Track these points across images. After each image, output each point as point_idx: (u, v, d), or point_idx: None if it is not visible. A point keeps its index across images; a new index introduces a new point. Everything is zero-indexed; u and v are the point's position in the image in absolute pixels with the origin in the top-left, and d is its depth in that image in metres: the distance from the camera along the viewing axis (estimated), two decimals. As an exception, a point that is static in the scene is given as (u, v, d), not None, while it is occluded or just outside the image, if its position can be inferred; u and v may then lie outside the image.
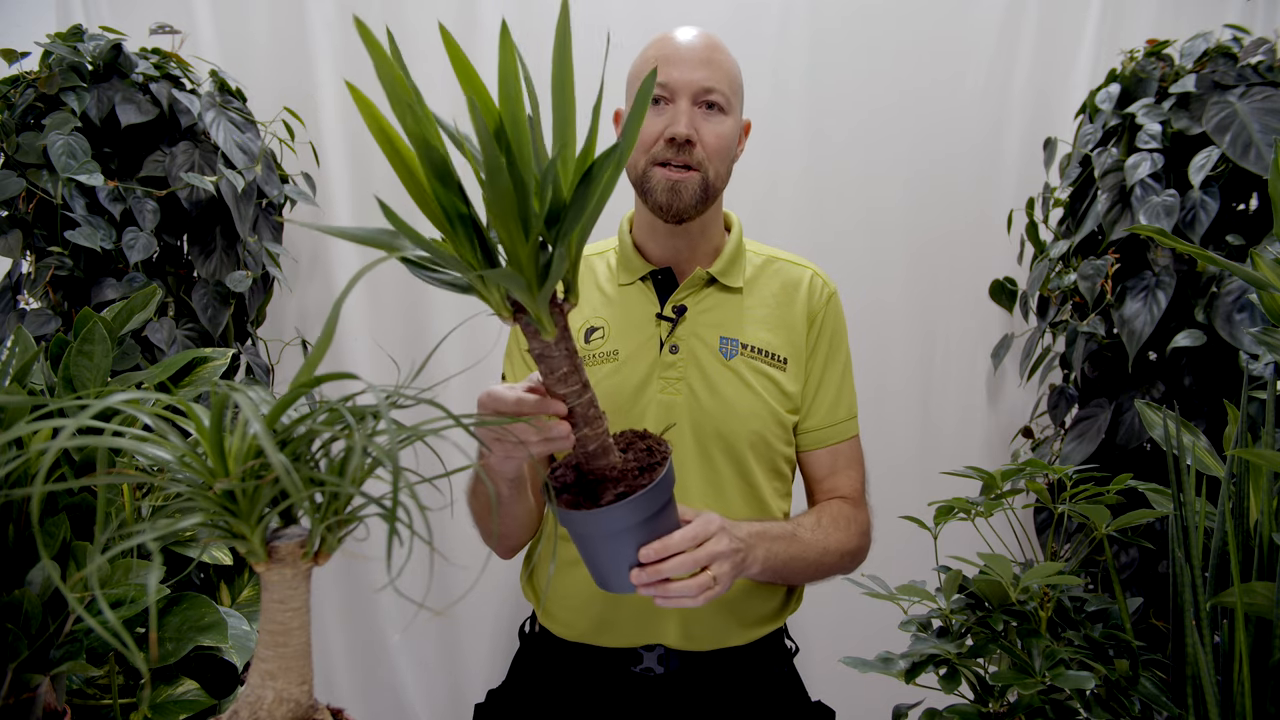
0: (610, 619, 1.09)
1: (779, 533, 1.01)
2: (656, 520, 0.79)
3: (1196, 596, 0.73)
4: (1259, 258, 0.74)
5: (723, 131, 1.06)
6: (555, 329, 0.65)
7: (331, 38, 1.89)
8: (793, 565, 1.02)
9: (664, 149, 1.05)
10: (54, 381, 0.81)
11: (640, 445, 0.80)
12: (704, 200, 1.07)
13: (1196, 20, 1.82)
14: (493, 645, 1.99)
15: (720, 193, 1.11)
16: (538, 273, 0.59)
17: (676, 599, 0.84)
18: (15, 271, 1.58)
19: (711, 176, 1.07)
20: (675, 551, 0.81)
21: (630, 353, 1.11)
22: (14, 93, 1.55)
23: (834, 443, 1.15)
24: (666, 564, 0.81)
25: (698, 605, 0.86)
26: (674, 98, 1.05)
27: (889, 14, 1.94)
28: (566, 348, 0.68)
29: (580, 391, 0.70)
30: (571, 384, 0.70)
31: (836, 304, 1.18)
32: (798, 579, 1.10)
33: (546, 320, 0.64)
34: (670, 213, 1.07)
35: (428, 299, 1.95)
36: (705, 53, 1.06)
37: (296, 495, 0.42)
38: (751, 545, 0.94)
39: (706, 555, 0.85)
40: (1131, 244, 1.58)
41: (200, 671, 0.80)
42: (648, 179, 1.07)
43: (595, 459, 0.75)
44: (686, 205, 1.06)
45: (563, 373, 0.69)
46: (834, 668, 1.03)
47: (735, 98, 1.09)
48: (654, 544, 0.80)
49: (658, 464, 0.76)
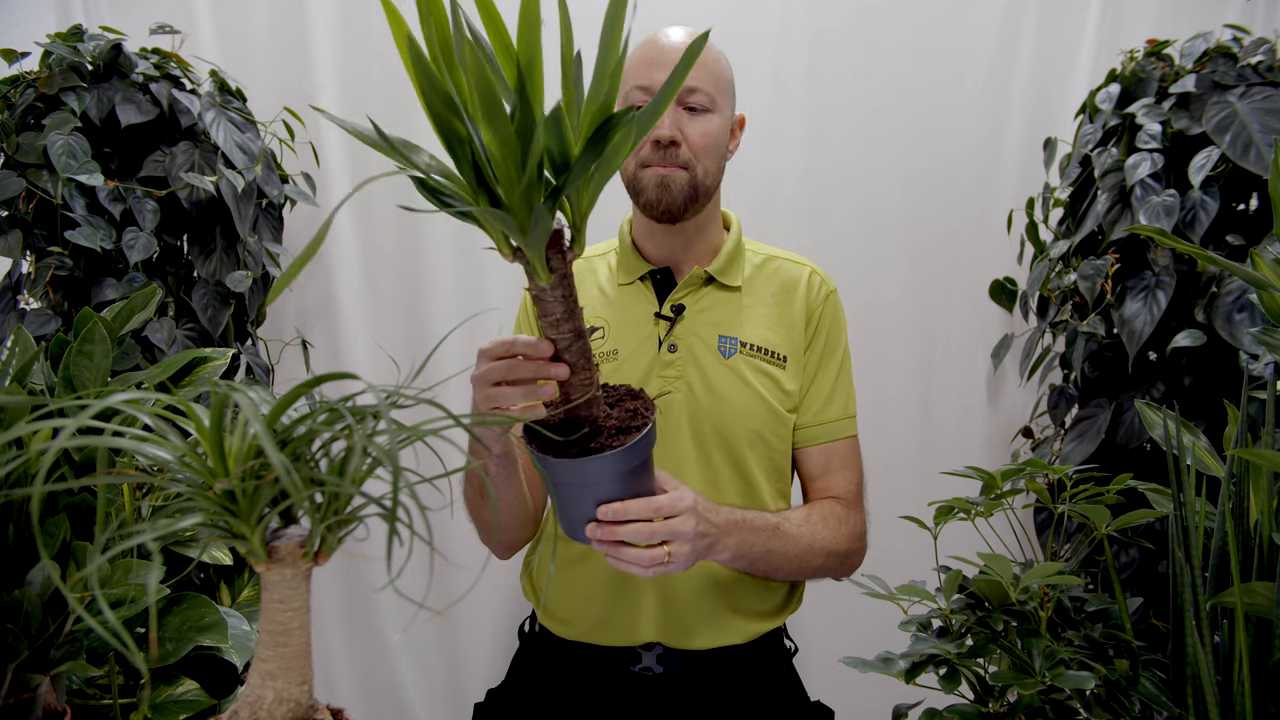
0: (609, 618, 1.09)
1: (760, 524, 1.00)
2: (626, 481, 0.80)
3: (1196, 596, 0.73)
4: (1259, 258, 0.74)
5: (708, 130, 1.06)
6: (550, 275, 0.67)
7: (331, 38, 1.89)
8: (771, 558, 1.02)
9: (650, 151, 1.06)
10: (54, 381, 0.81)
11: (628, 405, 0.81)
12: (694, 197, 1.07)
13: (1196, 20, 1.82)
14: (493, 645, 1.99)
15: (712, 191, 1.11)
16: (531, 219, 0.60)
17: (626, 564, 0.85)
18: (15, 271, 1.58)
19: (700, 174, 1.07)
20: (634, 518, 0.82)
21: (629, 352, 1.11)
22: (14, 93, 1.55)
23: (827, 441, 1.15)
24: (622, 528, 0.82)
25: (645, 576, 0.87)
26: None
27: (889, 14, 1.94)
28: (563, 295, 0.69)
29: (572, 339, 0.72)
30: (564, 330, 0.71)
31: (835, 302, 1.18)
32: (778, 573, 1.08)
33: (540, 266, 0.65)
34: (660, 208, 1.07)
35: (428, 299, 1.95)
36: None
37: (296, 495, 0.42)
38: (725, 532, 0.94)
39: (666, 531, 0.85)
40: (1131, 244, 1.58)
41: (200, 671, 0.80)
42: (638, 180, 1.08)
43: (580, 409, 0.76)
44: (676, 201, 1.06)
45: (555, 318, 0.70)
46: (834, 667, 1.03)
47: (722, 95, 1.09)
48: (614, 504, 0.81)
49: (636, 428, 0.76)
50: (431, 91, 0.56)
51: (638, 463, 0.79)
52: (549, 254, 0.66)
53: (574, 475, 0.78)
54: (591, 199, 0.65)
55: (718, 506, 0.96)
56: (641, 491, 0.83)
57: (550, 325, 0.71)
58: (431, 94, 0.56)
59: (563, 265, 0.67)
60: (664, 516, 0.85)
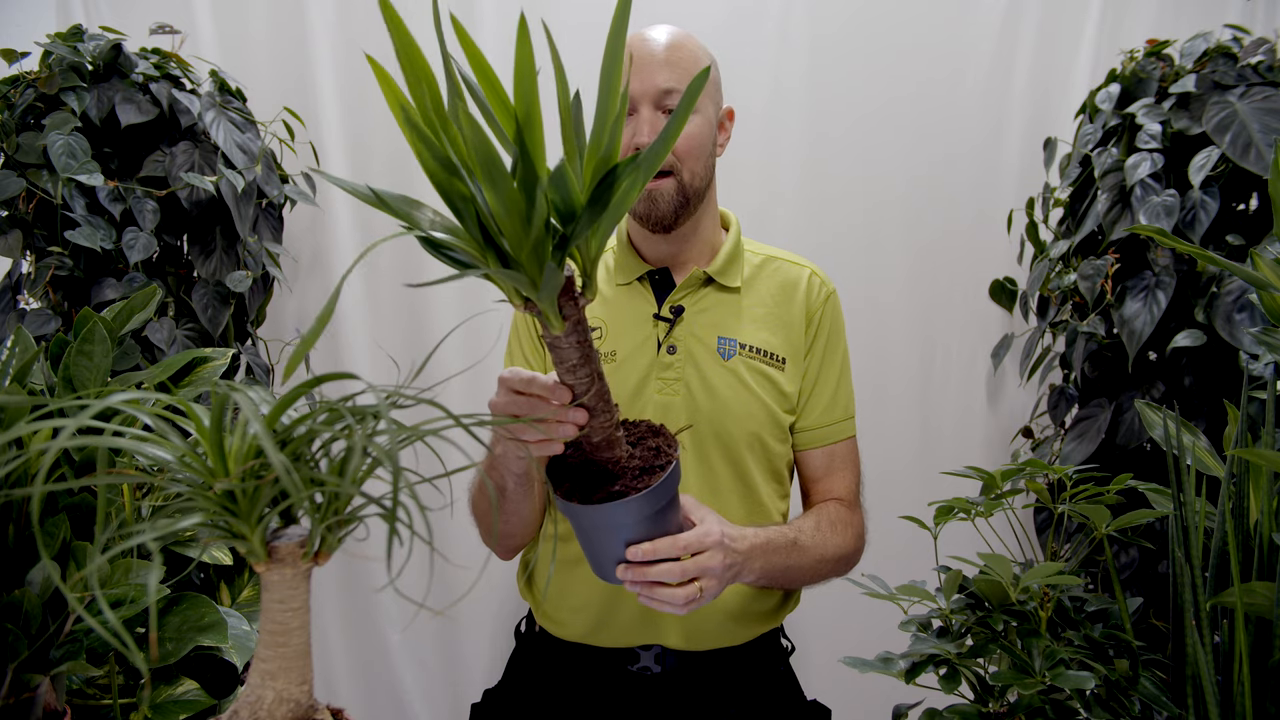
0: (607, 620, 1.09)
1: (780, 543, 1.00)
2: (653, 520, 0.79)
3: (1196, 596, 0.73)
4: (1259, 258, 0.74)
5: (691, 131, 1.05)
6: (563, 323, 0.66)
7: (331, 38, 1.89)
8: (789, 573, 1.03)
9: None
10: (54, 381, 0.81)
11: (650, 443, 0.80)
12: (684, 204, 1.06)
13: (1196, 20, 1.82)
14: (492, 645, 1.99)
15: (703, 192, 1.10)
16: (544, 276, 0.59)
17: (660, 604, 0.83)
18: (15, 271, 1.58)
19: (687, 178, 1.06)
20: (664, 557, 0.80)
21: (628, 353, 1.11)
22: (14, 93, 1.55)
23: (829, 443, 1.15)
24: (653, 568, 0.80)
25: (680, 615, 0.86)
26: (637, 106, 1.04)
27: (889, 15, 1.94)
28: (578, 340, 0.68)
29: (590, 383, 0.71)
30: (580, 376, 0.70)
31: (835, 303, 1.18)
32: (792, 585, 1.10)
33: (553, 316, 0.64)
34: (650, 221, 1.07)
35: (428, 299, 1.95)
36: (664, 54, 1.05)
37: (296, 495, 0.42)
38: (750, 558, 0.94)
39: (696, 568, 0.84)
40: (1131, 244, 1.58)
41: (200, 671, 0.80)
42: None
43: (601, 450, 0.75)
44: (665, 213, 1.06)
45: (571, 364, 0.69)
46: (833, 667, 1.03)
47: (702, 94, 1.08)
48: (643, 545, 0.79)
49: (660, 467, 0.75)
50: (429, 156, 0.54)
51: (663, 503, 0.78)
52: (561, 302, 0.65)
53: (600, 520, 0.77)
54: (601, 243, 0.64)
55: (741, 532, 0.94)
56: (669, 527, 0.82)
57: (567, 371, 0.70)
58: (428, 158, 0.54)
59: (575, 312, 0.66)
60: (691, 553, 0.84)
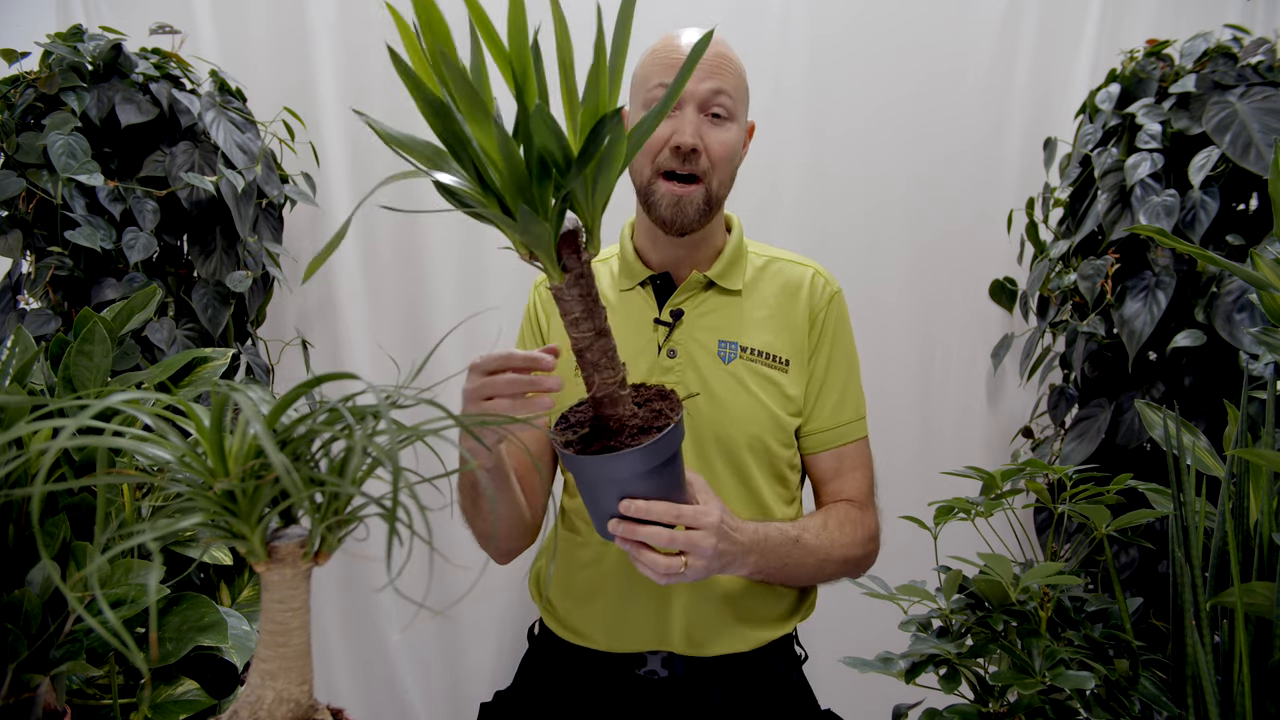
0: (617, 624, 1.09)
1: (781, 540, 1.00)
2: (649, 479, 0.80)
3: (1196, 596, 0.73)
4: (1259, 258, 0.74)
5: (727, 139, 1.05)
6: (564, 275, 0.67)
7: (331, 38, 1.89)
8: (789, 570, 1.02)
9: (669, 157, 1.04)
10: (54, 381, 0.81)
11: (654, 405, 0.81)
12: (707, 212, 1.07)
13: (1196, 20, 1.82)
14: (493, 644, 1.99)
15: (724, 201, 1.10)
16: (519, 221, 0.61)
17: (643, 567, 0.86)
18: (15, 271, 1.58)
19: (715, 187, 1.06)
20: (656, 519, 0.82)
21: (628, 357, 1.09)
22: (14, 93, 1.55)
23: (839, 445, 1.14)
24: (642, 528, 0.82)
25: (660, 584, 0.88)
26: (681, 104, 1.04)
27: (889, 15, 1.94)
28: (580, 294, 0.69)
29: (593, 338, 0.72)
30: (583, 329, 0.71)
31: (840, 303, 1.17)
32: (793, 582, 1.10)
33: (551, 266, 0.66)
34: (674, 228, 1.06)
35: (428, 299, 1.95)
36: (715, 59, 1.04)
37: (296, 495, 0.42)
38: (745, 552, 0.94)
39: (686, 542, 0.85)
40: (1131, 244, 1.58)
41: (200, 671, 0.80)
42: (652, 191, 1.06)
43: (604, 406, 0.76)
44: (690, 221, 1.06)
45: (574, 317, 0.70)
46: (833, 668, 1.03)
47: (741, 104, 1.08)
48: (637, 501, 0.81)
49: (659, 428, 0.77)
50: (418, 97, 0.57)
51: (659, 461, 0.79)
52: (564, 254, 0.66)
53: (596, 472, 0.79)
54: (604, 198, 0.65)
55: (742, 524, 0.94)
56: (670, 493, 0.83)
57: (570, 324, 0.71)
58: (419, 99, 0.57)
59: (578, 265, 0.67)
60: (686, 526, 0.85)
